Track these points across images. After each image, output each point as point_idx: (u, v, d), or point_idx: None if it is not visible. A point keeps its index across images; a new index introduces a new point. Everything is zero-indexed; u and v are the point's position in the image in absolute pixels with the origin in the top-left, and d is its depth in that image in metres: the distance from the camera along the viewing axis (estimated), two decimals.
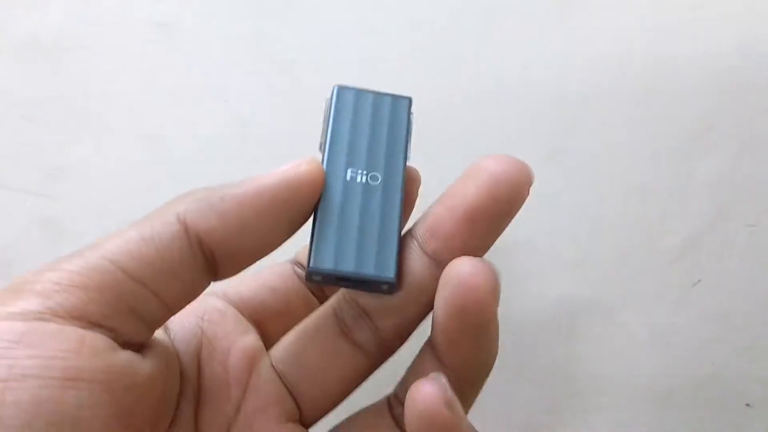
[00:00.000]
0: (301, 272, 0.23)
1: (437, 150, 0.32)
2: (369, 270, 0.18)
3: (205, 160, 0.32)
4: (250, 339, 0.21)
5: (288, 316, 0.22)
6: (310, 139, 0.32)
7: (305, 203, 0.18)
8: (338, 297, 0.21)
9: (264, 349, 0.21)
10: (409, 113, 0.21)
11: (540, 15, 0.30)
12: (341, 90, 0.21)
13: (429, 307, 0.19)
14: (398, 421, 0.20)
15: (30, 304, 0.15)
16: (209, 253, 0.17)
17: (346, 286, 0.19)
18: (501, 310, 0.19)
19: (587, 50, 0.31)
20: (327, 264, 0.18)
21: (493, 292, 0.17)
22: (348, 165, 0.20)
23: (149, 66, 0.32)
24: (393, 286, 0.18)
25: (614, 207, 0.32)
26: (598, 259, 0.33)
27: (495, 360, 0.19)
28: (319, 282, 0.19)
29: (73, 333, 0.15)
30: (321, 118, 0.32)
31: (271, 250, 0.18)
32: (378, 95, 0.21)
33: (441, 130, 0.32)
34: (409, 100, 0.22)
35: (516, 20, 0.31)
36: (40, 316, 0.15)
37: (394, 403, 0.20)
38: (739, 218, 0.32)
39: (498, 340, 0.18)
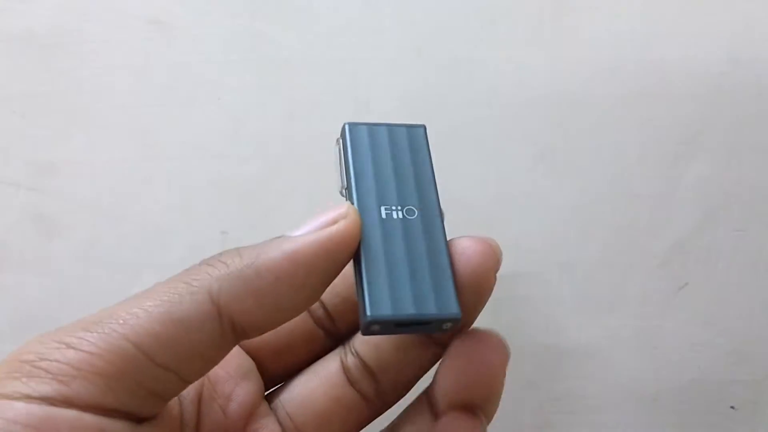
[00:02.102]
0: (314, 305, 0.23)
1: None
2: (431, 310, 0.17)
3: (197, 156, 0.32)
4: (251, 384, 0.21)
5: (289, 353, 0.22)
6: (302, 138, 0.33)
7: (344, 262, 0.17)
8: (345, 348, 0.21)
9: (263, 391, 0.21)
10: (427, 141, 0.21)
11: (532, 18, 0.31)
12: (352, 127, 0.20)
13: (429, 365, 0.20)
14: None
15: (47, 389, 0.15)
16: (240, 330, 0.17)
17: (406, 332, 0.18)
18: (487, 314, 0.20)
19: (578, 54, 0.31)
20: (385, 310, 0.17)
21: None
22: (380, 203, 0.18)
23: (142, 62, 0.32)
24: (458, 322, 0.17)
25: (602, 210, 0.32)
26: (586, 262, 0.33)
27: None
28: (376, 332, 0.17)
29: (92, 421, 0.15)
30: (314, 121, 0.32)
31: (307, 309, 0.18)
32: (391, 127, 0.20)
33: (432, 132, 0.32)
34: (424, 128, 0.21)
35: (508, 23, 0.31)
36: (57, 403, 0.14)
37: None
38: (726, 223, 0.32)
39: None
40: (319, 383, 0.21)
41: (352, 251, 0.17)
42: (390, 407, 0.22)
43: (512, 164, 0.32)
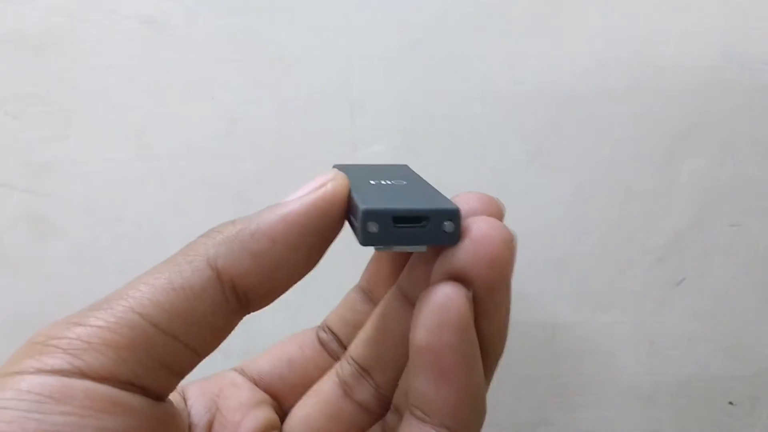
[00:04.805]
0: (327, 337, 0.23)
1: (423, 150, 0.32)
2: (428, 205, 0.16)
3: (191, 156, 0.32)
4: (263, 412, 0.21)
5: (305, 388, 0.22)
6: (297, 136, 0.33)
7: (337, 221, 0.18)
8: (341, 362, 0.21)
9: (278, 421, 0.21)
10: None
11: (526, 15, 0.31)
12: (338, 167, 0.20)
13: None
14: None
15: (58, 361, 0.15)
16: (242, 294, 0.17)
17: (405, 243, 0.17)
18: None
19: (572, 50, 0.31)
20: (381, 204, 0.16)
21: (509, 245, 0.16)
22: (371, 179, 0.19)
23: (136, 62, 0.32)
24: (457, 218, 0.16)
25: (598, 206, 0.32)
26: (583, 258, 0.33)
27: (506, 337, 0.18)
28: (375, 238, 0.16)
29: (106, 392, 0.15)
30: (308, 119, 0.32)
31: (307, 273, 0.18)
32: (375, 166, 0.22)
33: (427, 130, 0.32)
34: (406, 166, 0.22)
35: (502, 20, 0.31)
36: (69, 374, 0.15)
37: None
38: (722, 218, 0.32)
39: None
40: (315, 401, 0.21)
41: (342, 209, 0.17)
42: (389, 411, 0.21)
43: (507, 161, 0.32)
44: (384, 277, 0.22)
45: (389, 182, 0.19)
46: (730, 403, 0.34)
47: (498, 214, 0.17)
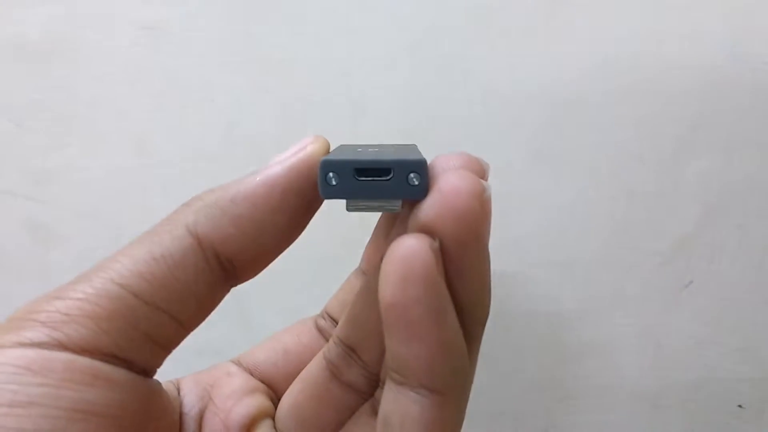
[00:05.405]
0: (326, 324, 0.22)
1: (424, 152, 0.32)
2: (392, 157, 0.16)
3: (192, 160, 0.32)
4: (256, 399, 0.21)
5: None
6: (298, 139, 0.32)
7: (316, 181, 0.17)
8: (328, 344, 0.21)
9: (272, 408, 0.21)
10: None
11: (527, 16, 0.30)
12: (343, 146, 0.20)
13: None
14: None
15: (37, 334, 0.14)
16: (227, 262, 0.16)
17: (369, 199, 0.16)
18: (490, 311, 0.19)
19: (574, 51, 0.31)
20: (344, 156, 0.16)
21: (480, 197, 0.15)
22: (360, 148, 0.19)
23: (136, 68, 0.32)
24: (423, 169, 0.15)
25: (603, 208, 0.32)
26: (587, 261, 0.32)
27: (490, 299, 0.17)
28: (336, 191, 0.16)
29: (87, 364, 0.14)
30: (309, 122, 0.32)
31: (294, 240, 0.17)
32: (382, 144, 0.21)
33: (428, 131, 0.31)
34: (414, 145, 0.22)
35: (503, 21, 0.30)
36: (49, 347, 0.14)
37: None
38: (728, 219, 0.32)
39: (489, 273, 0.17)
40: (304, 386, 0.21)
41: None
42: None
43: (509, 163, 0.32)
44: (382, 255, 0.21)
45: (377, 149, 0.18)
46: (740, 406, 0.34)
47: (479, 171, 0.16)
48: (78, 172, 0.33)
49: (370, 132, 0.31)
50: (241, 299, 0.31)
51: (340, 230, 0.30)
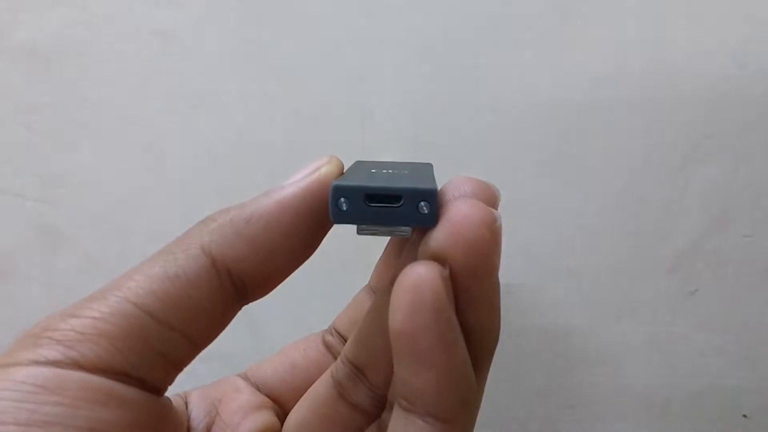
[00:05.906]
0: (334, 340, 0.23)
1: (434, 160, 0.32)
2: (404, 184, 0.16)
3: (201, 166, 0.32)
4: (262, 415, 0.21)
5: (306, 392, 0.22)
6: (306, 147, 0.33)
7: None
8: (336, 363, 0.21)
9: (278, 425, 0.21)
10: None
11: (538, 25, 0.31)
12: (359, 162, 0.20)
13: None
14: None
15: (52, 353, 0.14)
16: (239, 282, 0.17)
17: (377, 221, 0.16)
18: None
19: (584, 60, 0.31)
20: (355, 182, 0.16)
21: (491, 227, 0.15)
22: (374, 168, 0.19)
23: (147, 73, 0.32)
24: (433, 198, 0.15)
25: (610, 216, 0.32)
26: (595, 269, 0.32)
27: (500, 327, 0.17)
28: (346, 216, 0.16)
29: (101, 384, 0.15)
30: (319, 129, 0.32)
31: (306, 260, 0.17)
32: (397, 162, 0.21)
33: (438, 140, 0.32)
34: (429, 164, 0.22)
35: (514, 30, 0.31)
36: (63, 366, 0.14)
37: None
38: (735, 228, 0.32)
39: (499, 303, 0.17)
40: (310, 404, 0.21)
41: None
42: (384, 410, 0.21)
43: (518, 171, 0.32)
44: (392, 275, 0.21)
45: (391, 171, 0.18)
46: (744, 416, 0.34)
47: (490, 199, 0.16)
48: (87, 176, 0.33)
49: (381, 140, 0.32)
50: (248, 305, 0.32)
51: (350, 238, 0.30)
